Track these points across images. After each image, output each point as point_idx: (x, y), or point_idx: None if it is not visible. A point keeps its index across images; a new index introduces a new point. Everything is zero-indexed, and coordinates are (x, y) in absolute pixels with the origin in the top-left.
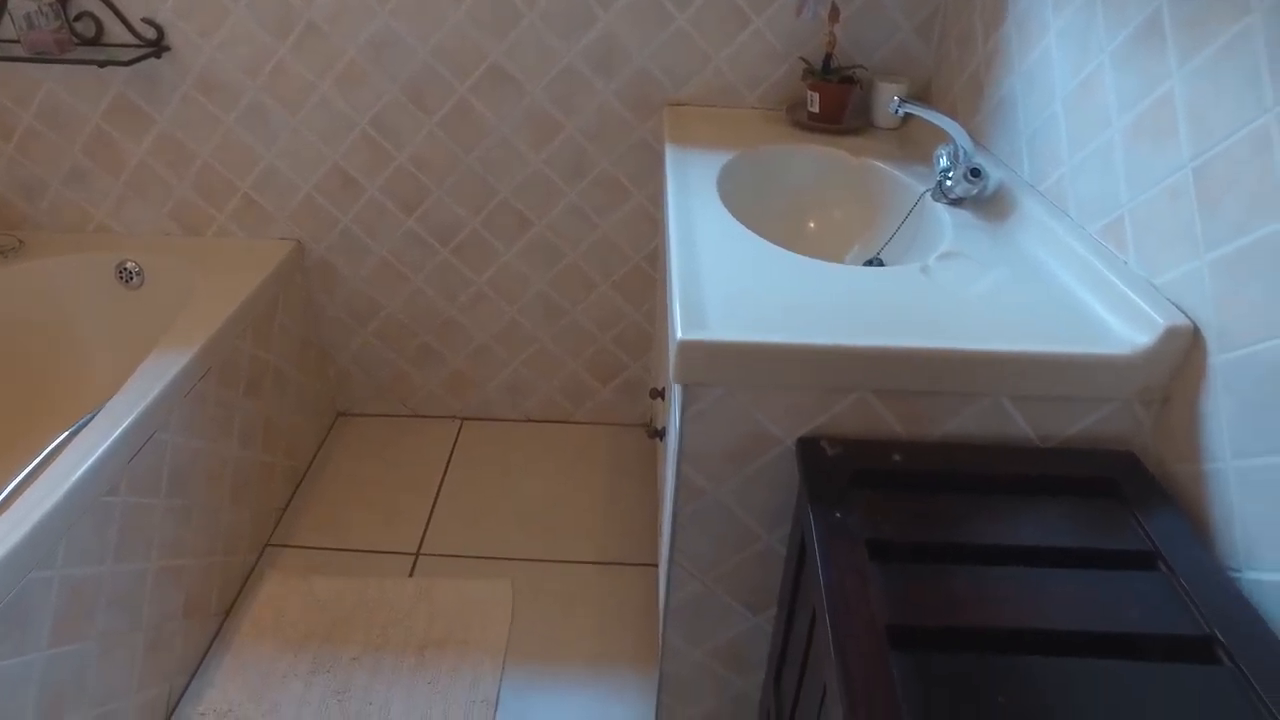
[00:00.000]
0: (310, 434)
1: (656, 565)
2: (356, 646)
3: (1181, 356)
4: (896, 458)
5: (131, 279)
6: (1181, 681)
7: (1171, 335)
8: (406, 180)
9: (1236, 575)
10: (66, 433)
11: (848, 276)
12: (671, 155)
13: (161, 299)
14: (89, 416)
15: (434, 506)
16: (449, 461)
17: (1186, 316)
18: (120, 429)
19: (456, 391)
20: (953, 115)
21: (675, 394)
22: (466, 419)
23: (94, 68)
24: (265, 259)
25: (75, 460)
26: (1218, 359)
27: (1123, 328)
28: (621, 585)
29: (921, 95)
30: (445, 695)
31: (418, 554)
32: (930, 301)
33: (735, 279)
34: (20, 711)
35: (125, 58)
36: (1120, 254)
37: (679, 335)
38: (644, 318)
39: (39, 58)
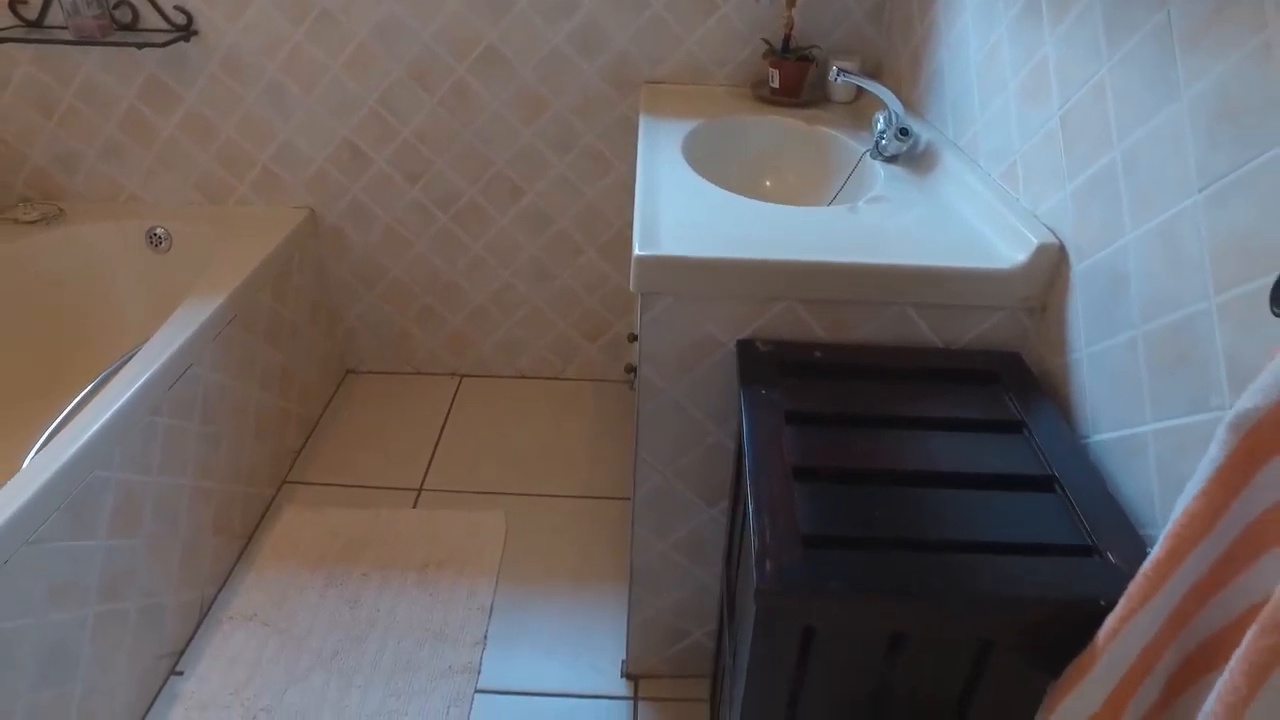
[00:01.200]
0: (321, 387)
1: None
2: (366, 565)
3: (1052, 269)
4: (818, 354)
5: (160, 243)
6: (1021, 504)
7: (1041, 251)
8: (410, 153)
9: (1085, 440)
10: (114, 365)
11: (784, 214)
12: (644, 123)
13: (187, 261)
14: (131, 352)
15: (435, 450)
16: (449, 412)
17: (1055, 237)
18: (162, 360)
19: (456, 350)
20: (897, 88)
21: (638, 304)
22: (465, 375)
23: (128, 50)
24: (281, 225)
25: (126, 382)
26: (1077, 268)
27: (1007, 248)
28: (603, 516)
29: (874, 73)
30: (445, 604)
31: (420, 489)
32: (852, 232)
33: (688, 214)
34: (87, 588)
35: (159, 41)
36: (1014, 192)
37: (637, 252)
38: (628, 280)
39: (82, 41)
